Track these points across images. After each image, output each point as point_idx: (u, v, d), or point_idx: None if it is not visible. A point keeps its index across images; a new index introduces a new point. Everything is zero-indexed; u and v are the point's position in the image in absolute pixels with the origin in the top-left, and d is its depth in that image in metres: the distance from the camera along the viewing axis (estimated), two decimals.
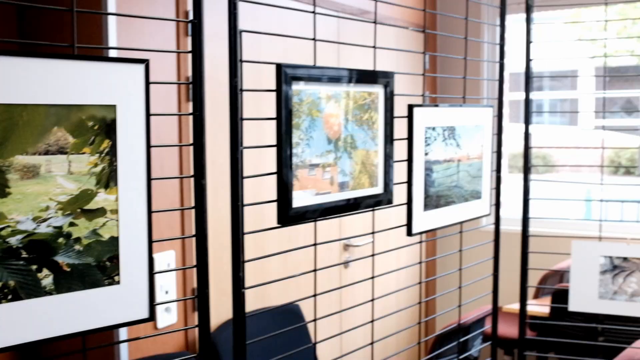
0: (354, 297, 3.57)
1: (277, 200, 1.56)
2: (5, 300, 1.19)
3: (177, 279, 2.48)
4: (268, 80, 2.32)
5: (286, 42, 2.98)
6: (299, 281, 3.08)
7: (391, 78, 1.87)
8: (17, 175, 1.19)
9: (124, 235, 1.31)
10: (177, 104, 2.46)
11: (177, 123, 2.46)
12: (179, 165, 2.46)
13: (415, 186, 1.99)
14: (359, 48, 3.42)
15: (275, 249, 2.94)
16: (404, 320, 4.07)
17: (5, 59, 1.16)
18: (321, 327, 3.21)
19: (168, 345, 2.48)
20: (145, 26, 2.35)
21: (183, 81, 1.67)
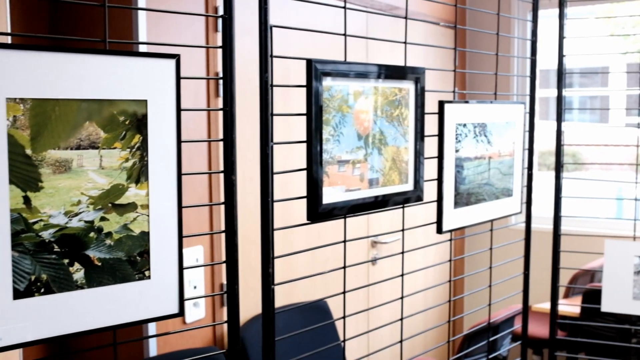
0: (381, 294, 3.55)
1: (306, 197, 1.55)
2: (38, 293, 1.20)
3: (205, 274, 2.49)
4: (296, 75, 2.32)
5: (314, 38, 2.97)
6: (326, 277, 3.08)
7: (422, 74, 1.85)
8: (50, 170, 1.20)
9: (154, 230, 1.31)
10: (206, 99, 2.46)
11: (206, 119, 2.46)
12: (207, 161, 2.47)
13: (446, 183, 1.97)
14: (387, 44, 3.40)
15: (302, 245, 2.94)
16: (431, 318, 4.04)
17: (39, 54, 1.17)
18: (348, 324, 3.20)
19: (196, 339, 2.49)
20: (175, 22, 2.35)
21: (212, 76, 1.66)
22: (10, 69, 1.14)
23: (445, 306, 4.17)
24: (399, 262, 3.59)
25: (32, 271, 1.19)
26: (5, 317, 1.16)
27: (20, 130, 1.16)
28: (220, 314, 2.57)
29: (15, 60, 1.14)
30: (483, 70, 4.25)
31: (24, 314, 1.18)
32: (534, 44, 2.37)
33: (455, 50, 2.05)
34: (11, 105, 1.15)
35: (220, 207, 2.50)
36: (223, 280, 2.55)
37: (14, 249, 1.17)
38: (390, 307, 3.53)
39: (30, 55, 1.16)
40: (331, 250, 3.10)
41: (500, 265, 2.56)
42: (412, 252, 2.39)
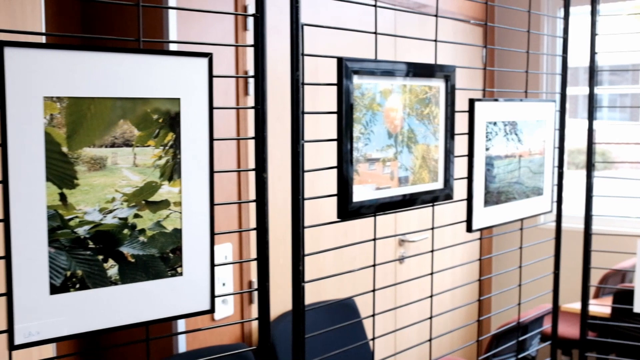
0: (409, 293, 3.55)
1: (337, 195, 1.55)
2: (74, 289, 1.21)
3: (233, 272, 2.51)
4: (325, 73, 2.32)
5: (342, 36, 2.97)
6: (354, 275, 3.08)
7: (452, 72, 1.84)
8: (85, 167, 1.21)
9: (186, 227, 1.32)
10: (236, 97, 2.47)
11: (236, 117, 2.48)
12: (236, 159, 2.48)
13: (476, 182, 1.96)
14: (415, 41, 3.38)
15: (330, 242, 2.94)
16: (459, 317, 4.02)
17: (75, 53, 1.18)
18: (376, 322, 3.20)
19: (224, 336, 2.51)
20: (205, 21, 2.37)
21: (241, 75, 1.67)
22: (47, 68, 1.16)
23: (473, 305, 4.15)
24: (426, 260, 3.58)
25: (68, 267, 1.21)
26: (42, 312, 1.18)
27: (56, 129, 1.18)
28: (248, 311, 2.58)
29: (52, 59, 1.16)
30: (511, 68, 4.22)
31: (60, 308, 1.20)
32: (566, 41, 2.35)
33: (485, 48, 2.04)
34: (48, 103, 1.17)
35: (249, 205, 2.52)
36: (251, 277, 2.57)
37: (51, 245, 1.19)
38: (418, 305, 3.52)
39: (66, 55, 1.18)
40: (359, 248, 3.10)
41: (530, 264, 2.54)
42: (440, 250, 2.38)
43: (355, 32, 1.63)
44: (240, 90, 2.48)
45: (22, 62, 1.13)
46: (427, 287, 3.62)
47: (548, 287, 2.38)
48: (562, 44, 2.38)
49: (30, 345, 1.17)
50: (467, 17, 3.97)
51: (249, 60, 2.49)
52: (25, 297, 1.17)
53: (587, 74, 2.39)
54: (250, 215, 2.53)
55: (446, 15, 3.72)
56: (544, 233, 3.91)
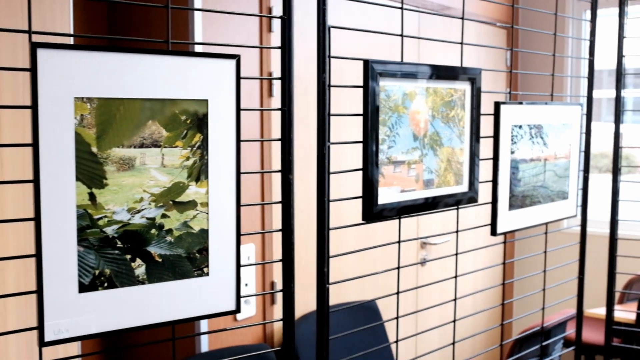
0: (430, 296, 3.53)
1: (362, 197, 1.55)
2: (102, 287, 1.23)
3: (256, 272, 2.52)
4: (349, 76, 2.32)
5: (366, 38, 2.97)
6: (376, 277, 3.07)
7: (478, 75, 1.83)
8: (114, 167, 1.23)
9: (213, 227, 1.33)
10: (260, 99, 2.48)
11: (260, 119, 2.49)
12: (260, 160, 2.49)
13: (501, 185, 1.95)
14: (439, 44, 3.37)
15: (352, 244, 2.94)
16: (480, 321, 4.00)
17: (105, 54, 1.20)
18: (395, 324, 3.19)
19: (246, 336, 2.52)
20: (229, 22, 2.38)
21: (266, 76, 1.68)
22: (78, 69, 1.17)
23: (494, 309, 4.12)
24: (447, 263, 3.56)
25: (97, 266, 1.22)
26: (71, 310, 1.20)
27: (86, 129, 1.19)
28: (270, 311, 2.59)
29: (83, 60, 1.18)
30: (535, 71, 4.19)
31: (89, 307, 1.22)
32: (593, 44, 2.33)
33: (511, 50, 2.03)
34: (79, 104, 1.18)
35: (272, 206, 2.52)
36: (273, 278, 2.57)
37: (80, 244, 1.20)
38: (439, 308, 3.50)
39: (97, 56, 1.19)
40: (381, 250, 3.09)
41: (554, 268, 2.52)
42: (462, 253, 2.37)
43: (379, 34, 1.63)
44: (264, 92, 2.49)
45: (54, 64, 1.15)
46: (449, 290, 3.60)
47: (571, 292, 2.36)
48: (588, 47, 2.36)
49: (59, 342, 1.18)
50: (491, 19, 3.95)
51: (274, 62, 2.50)
52: (55, 294, 1.18)
53: (612, 76, 2.37)
54: (274, 216, 2.54)
55: (470, 17, 3.71)
56: (568, 237, 3.87)
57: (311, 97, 2.50)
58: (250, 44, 2.41)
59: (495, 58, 4.01)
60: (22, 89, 1.87)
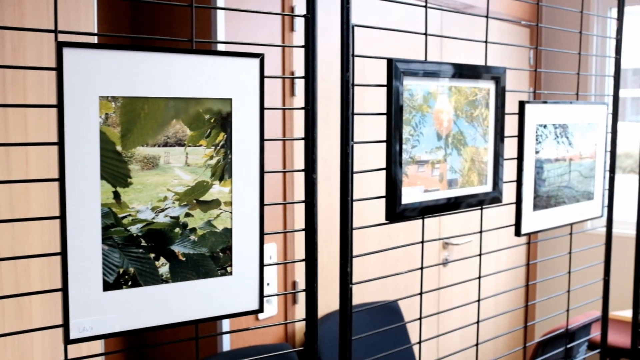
0: (452, 296, 3.51)
1: (385, 197, 1.54)
2: (126, 286, 1.23)
3: (277, 271, 2.51)
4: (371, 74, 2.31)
5: (387, 36, 2.96)
6: (397, 277, 3.06)
7: (503, 73, 1.81)
8: (138, 166, 1.23)
9: (236, 227, 1.33)
10: (282, 98, 2.48)
11: (281, 118, 2.48)
12: (282, 159, 2.49)
13: (525, 185, 1.92)
14: (461, 42, 3.35)
15: (374, 243, 2.93)
16: (502, 323, 3.97)
17: (130, 53, 1.20)
18: (418, 324, 3.18)
19: (267, 335, 2.52)
20: (252, 21, 2.38)
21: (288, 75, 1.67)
22: (103, 68, 1.17)
23: (517, 311, 4.09)
24: (469, 263, 3.53)
25: (121, 264, 1.23)
26: (95, 308, 1.20)
27: (111, 128, 1.19)
28: (292, 311, 2.59)
29: (108, 59, 1.18)
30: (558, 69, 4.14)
31: (113, 305, 1.22)
32: (619, 42, 2.29)
33: (536, 49, 2.01)
34: (103, 103, 1.18)
35: (294, 206, 2.52)
36: (295, 277, 2.57)
37: (104, 243, 1.21)
38: (461, 309, 3.48)
39: (121, 55, 1.19)
40: (402, 250, 3.08)
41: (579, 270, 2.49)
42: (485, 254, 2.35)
43: (402, 32, 1.62)
44: (286, 91, 2.49)
45: (79, 63, 1.15)
46: (471, 290, 3.58)
47: (596, 294, 2.33)
48: (614, 45, 2.32)
49: (84, 340, 1.19)
50: (514, 17, 3.92)
51: (296, 61, 2.49)
52: (79, 292, 1.19)
53: (637, 75, 2.33)
54: (295, 215, 2.53)
55: (493, 15, 3.68)
56: (593, 238, 3.83)
57: (332, 96, 2.50)
58: (273, 43, 2.41)
59: (517, 57, 3.97)
60: (47, 88, 1.89)
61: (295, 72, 2.49)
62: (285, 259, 2.50)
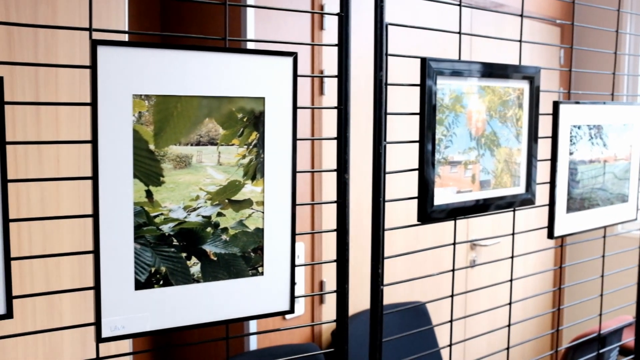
0: (479, 298, 3.47)
1: (417, 197, 1.52)
2: (157, 285, 1.23)
3: (305, 271, 2.50)
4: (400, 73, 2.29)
5: (418, 35, 2.93)
6: (424, 278, 3.03)
7: (537, 73, 1.78)
8: (171, 165, 1.22)
9: (268, 226, 1.32)
10: (311, 97, 2.47)
11: (310, 117, 2.47)
12: (310, 159, 2.48)
13: (559, 187, 1.89)
14: (491, 40, 3.31)
15: (401, 244, 2.90)
16: (530, 326, 3.92)
17: (163, 51, 1.19)
18: (446, 327, 3.15)
19: (294, 335, 2.51)
20: (281, 20, 2.37)
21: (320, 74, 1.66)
22: (137, 67, 1.17)
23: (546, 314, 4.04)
24: (497, 265, 3.49)
25: (153, 263, 1.22)
26: (127, 307, 1.20)
27: (144, 126, 1.19)
28: (318, 311, 2.58)
29: (141, 58, 1.17)
30: (589, 69, 4.08)
31: (144, 304, 1.22)
32: None
33: (571, 48, 1.97)
34: (137, 101, 1.18)
35: (322, 206, 2.51)
36: (322, 277, 2.56)
37: (136, 241, 1.20)
38: (489, 311, 3.44)
39: (155, 53, 1.19)
40: (430, 251, 3.05)
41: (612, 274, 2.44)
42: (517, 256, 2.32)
43: (434, 31, 1.60)
44: (315, 90, 2.47)
45: (113, 61, 1.15)
46: (499, 292, 3.54)
47: (627, 299, 2.28)
48: None
49: (116, 338, 1.19)
50: (543, 15, 3.86)
51: (325, 59, 2.48)
52: (111, 291, 1.18)
53: None
54: (323, 215, 2.52)
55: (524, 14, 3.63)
56: (626, 242, 3.76)
57: (359, 96, 2.48)
58: (305, 42, 2.40)
59: (547, 56, 3.92)
60: (79, 87, 1.89)
61: (324, 70, 2.47)
62: (313, 258, 2.49)
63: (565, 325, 1.96)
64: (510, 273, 1.81)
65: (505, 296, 3.54)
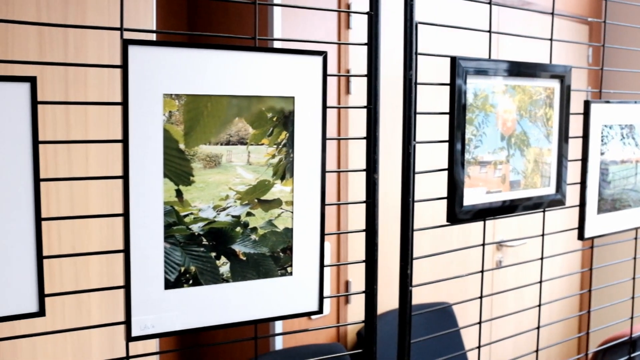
0: (505, 299, 3.44)
1: (447, 198, 1.51)
2: (187, 284, 1.23)
3: (330, 271, 2.50)
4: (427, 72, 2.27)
5: (444, 34, 2.91)
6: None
7: (568, 72, 1.76)
8: (201, 164, 1.22)
9: (297, 226, 1.31)
10: (337, 96, 2.46)
11: (337, 116, 2.46)
12: (336, 159, 2.47)
13: (590, 187, 1.86)
14: (517, 39, 3.28)
15: (427, 244, 2.89)
16: (557, 328, 3.88)
17: (193, 51, 1.19)
18: (472, 329, 3.12)
19: (319, 335, 2.50)
20: (308, 19, 2.37)
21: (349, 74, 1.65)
22: (167, 66, 1.17)
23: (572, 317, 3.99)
24: (523, 265, 3.46)
25: (182, 263, 1.22)
26: (156, 306, 1.20)
27: (174, 125, 1.19)
28: (344, 311, 2.57)
29: (172, 57, 1.17)
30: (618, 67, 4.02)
31: (174, 303, 1.22)
32: None
33: (602, 47, 1.94)
34: (167, 101, 1.18)
35: (348, 206, 2.50)
36: (348, 277, 2.55)
37: (166, 241, 1.21)
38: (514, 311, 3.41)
39: (185, 53, 1.19)
40: (455, 251, 3.03)
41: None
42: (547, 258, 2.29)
43: (464, 30, 1.58)
44: (342, 89, 2.47)
45: (144, 60, 1.15)
46: (525, 294, 3.50)
47: None
48: None
49: (145, 337, 1.19)
50: (571, 13, 3.82)
51: (351, 58, 2.47)
52: (141, 290, 1.19)
53: None
54: (349, 215, 2.51)
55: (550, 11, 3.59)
56: None
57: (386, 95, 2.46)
58: (330, 41, 2.39)
59: (575, 55, 3.87)
60: (107, 86, 1.91)
61: (350, 69, 2.46)
62: (338, 258, 2.48)
63: (596, 328, 1.93)
64: (540, 274, 1.79)
65: (531, 298, 3.50)
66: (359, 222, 2.50)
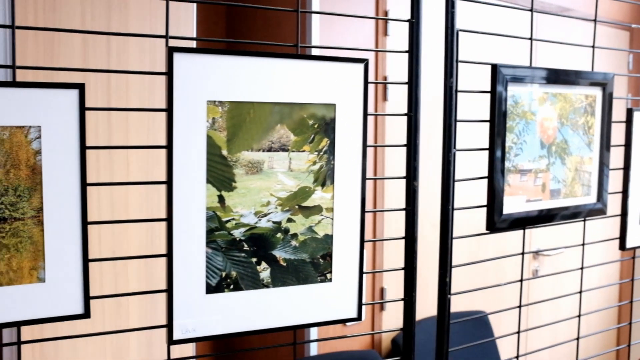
0: (541, 309, 3.40)
1: (486, 206, 1.50)
2: (228, 289, 1.24)
3: (365, 277, 2.50)
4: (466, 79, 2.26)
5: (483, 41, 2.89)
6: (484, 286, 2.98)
7: (610, 79, 1.73)
8: (243, 171, 1.24)
9: (337, 233, 1.32)
10: (374, 103, 2.46)
11: (374, 123, 2.47)
12: (373, 166, 2.47)
13: (632, 197, 1.83)
14: (554, 45, 3.24)
15: (464, 252, 2.86)
16: (593, 340, 3.81)
17: (237, 58, 1.21)
18: (509, 338, 3.09)
19: (354, 341, 2.50)
20: (345, 26, 2.38)
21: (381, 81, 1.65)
22: (211, 73, 1.19)
23: (612, 329, 3.92)
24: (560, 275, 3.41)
25: (223, 268, 1.24)
26: (198, 310, 1.21)
27: (218, 132, 1.21)
28: (379, 318, 2.57)
29: (215, 64, 1.19)
30: None
31: (215, 308, 1.23)
32: None
33: None
34: (211, 107, 1.20)
35: (384, 213, 2.50)
36: (383, 284, 2.54)
37: (208, 246, 1.22)
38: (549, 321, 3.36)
39: (229, 60, 1.20)
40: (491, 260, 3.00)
41: None
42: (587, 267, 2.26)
43: (505, 37, 1.57)
44: (379, 96, 2.47)
45: (188, 67, 1.17)
46: (562, 304, 3.45)
47: None
48: None
49: (187, 341, 1.20)
50: (611, 19, 3.77)
51: (389, 65, 2.47)
52: (183, 294, 1.20)
53: None
54: (385, 222, 2.51)
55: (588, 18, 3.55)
56: None
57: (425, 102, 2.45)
58: (370, 48, 2.40)
59: (615, 61, 3.81)
60: (148, 92, 1.93)
61: (387, 76, 2.46)
62: (374, 265, 2.48)
63: (637, 341, 1.89)
64: (580, 284, 1.77)
65: (568, 308, 3.45)
66: (395, 229, 2.49)
